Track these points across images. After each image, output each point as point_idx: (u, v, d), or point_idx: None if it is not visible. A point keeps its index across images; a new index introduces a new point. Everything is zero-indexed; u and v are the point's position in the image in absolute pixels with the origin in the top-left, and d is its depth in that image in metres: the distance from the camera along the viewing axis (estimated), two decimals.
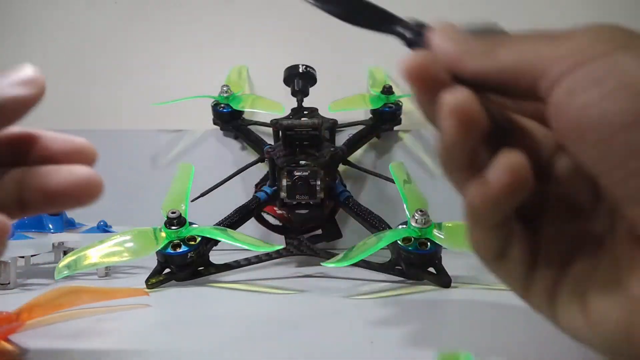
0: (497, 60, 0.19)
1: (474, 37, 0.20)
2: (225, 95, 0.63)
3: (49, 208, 0.21)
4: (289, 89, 0.57)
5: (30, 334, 0.28)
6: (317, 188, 0.48)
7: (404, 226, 0.42)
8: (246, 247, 0.41)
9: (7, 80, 0.21)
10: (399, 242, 0.41)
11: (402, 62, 0.19)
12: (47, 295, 0.29)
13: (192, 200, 0.48)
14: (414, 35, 0.22)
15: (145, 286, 0.41)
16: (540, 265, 0.21)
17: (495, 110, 0.20)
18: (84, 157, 0.22)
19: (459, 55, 0.19)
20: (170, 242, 0.42)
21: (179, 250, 0.41)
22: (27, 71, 0.22)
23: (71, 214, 0.51)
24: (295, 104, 0.56)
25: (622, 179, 0.16)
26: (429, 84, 0.19)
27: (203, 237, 0.42)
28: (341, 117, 0.60)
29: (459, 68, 0.19)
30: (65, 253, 0.46)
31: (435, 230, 0.41)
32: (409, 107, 0.67)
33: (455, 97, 0.18)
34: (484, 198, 0.19)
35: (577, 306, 0.19)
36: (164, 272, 0.42)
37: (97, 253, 0.39)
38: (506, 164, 0.18)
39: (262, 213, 0.55)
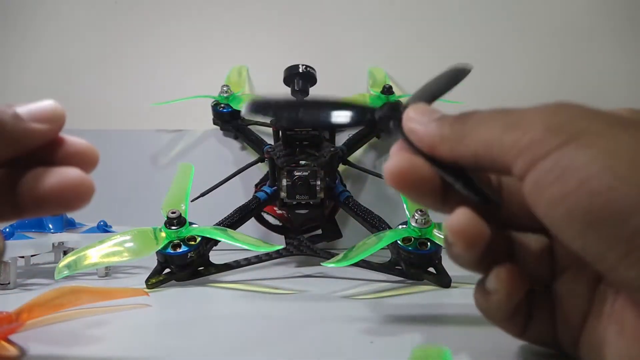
0: (469, 148, 0.20)
1: (445, 118, 0.21)
2: (225, 95, 0.63)
3: (40, 211, 0.21)
4: (289, 89, 0.57)
5: (30, 334, 0.28)
6: (317, 188, 0.48)
7: (404, 226, 0.42)
8: (246, 247, 0.41)
9: (27, 112, 0.21)
10: (399, 242, 0.41)
11: (384, 170, 0.21)
12: (47, 295, 0.29)
13: (192, 200, 0.48)
14: (387, 122, 0.23)
15: (145, 286, 0.41)
16: (562, 320, 0.22)
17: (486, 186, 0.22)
18: (85, 160, 0.21)
19: (433, 143, 0.21)
20: (170, 242, 0.42)
21: (179, 250, 0.41)
22: (47, 106, 0.22)
23: (71, 213, 0.51)
24: None
25: (608, 268, 0.17)
26: (412, 186, 0.21)
27: (203, 237, 0.42)
28: None
29: (436, 153, 0.21)
30: (65, 253, 0.46)
31: (435, 230, 0.41)
32: None
33: (456, 223, 0.20)
34: (490, 305, 0.22)
35: (595, 352, 0.20)
36: (164, 272, 0.42)
37: (97, 253, 0.39)
38: (499, 278, 0.21)
39: (262, 213, 0.55)
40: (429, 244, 0.40)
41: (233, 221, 0.49)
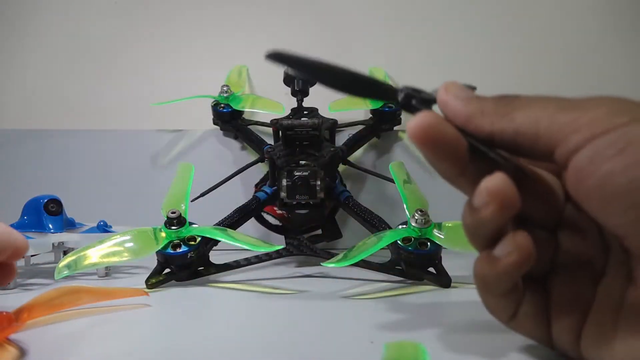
0: (514, 123, 0.20)
1: (486, 97, 0.21)
2: (225, 95, 0.63)
3: None
4: (289, 89, 0.57)
5: (30, 334, 0.28)
6: (317, 188, 0.48)
7: (404, 226, 0.42)
8: (246, 247, 0.41)
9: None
10: (399, 242, 0.41)
11: (408, 126, 0.20)
12: (47, 295, 0.29)
13: (192, 200, 0.48)
14: (410, 99, 0.23)
15: (145, 286, 0.41)
16: (559, 316, 0.22)
17: (510, 161, 0.21)
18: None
19: (472, 115, 0.20)
20: (170, 242, 0.42)
21: (179, 250, 0.41)
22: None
23: (71, 213, 0.51)
24: (295, 104, 0.56)
25: None
26: (437, 144, 0.20)
27: (203, 237, 0.42)
28: (341, 117, 0.60)
29: (473, 128, 0.20)
30: (65, 253, 0.46)
31: (435, 230, 0.41)
32: None
33: (495, 184, 0.20)
34: (496, 271, 0.21)
35: (603, 347, 0.20)
36: (164, 272, 0.42)
37: (97, 253, 0.39)
38: (515, 242, 0.20)
39: (262, 213, 0.55)
40: (429, 244, 0.40)
41: (233, 221, 0.49)
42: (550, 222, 0.22)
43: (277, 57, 0.23)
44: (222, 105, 0.63)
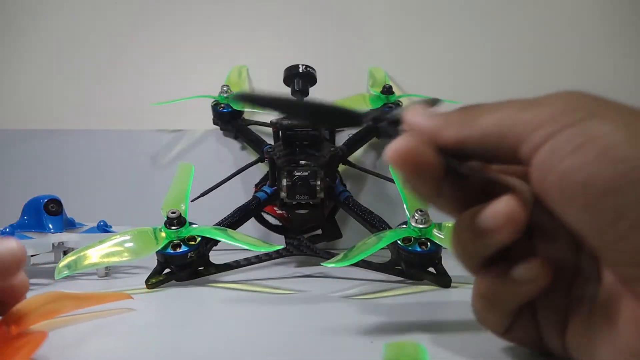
0: (479, 127, 0.20)
1: (449, 111, 0.21)
2: (225, 95, 0.63)
3: None
4: (289, 89, 0.57)
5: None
6: (317, 188, 0.48)
7: (404, 226, 0.42)
8: (246, 247, 0.41)
9: None
10: (399, 242, 0.41)
11: (387, 151, 0.21)
12: (32, 301, 0.27)
13: (192, 200, 0.48)
14: (377, 122, 0.23)
15: (145, 286, 0.41)
16: (545, 321, 0.22)
17: (482, 173, 0.22)
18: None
19: (437, 128, 0.21)
20: (170, 242, 0.42)
21: (179, 250, 0.41)
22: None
23: (71, 213, 0.51)
24: None
25: (612, 242, 0.17)
26: (416, 168, 0.21)
27: (203, 237, 0.42)
28: None
29: (441, 140, 0.21)
30: (65, 253, 0.46)
31: (435, 230, 0.41)
32: None
33: (512, 207, 0.20)
34: (508, 293, 0.21)
35: (583, 348, 0.20)
36: (164, 272, 0.42)
37: (97, 253, 0.39)
38: (540, 272, 0.21)
39: (262, 213, 0.55)
40: (429, 244, 0.40)
41: (233, 221, 0.49)
42: (525, 229, 0.22)
43: (245, 98, 0.24)
44: (222, 105, 0.63)
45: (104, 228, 0.51)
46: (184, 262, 0.42)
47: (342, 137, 0.62)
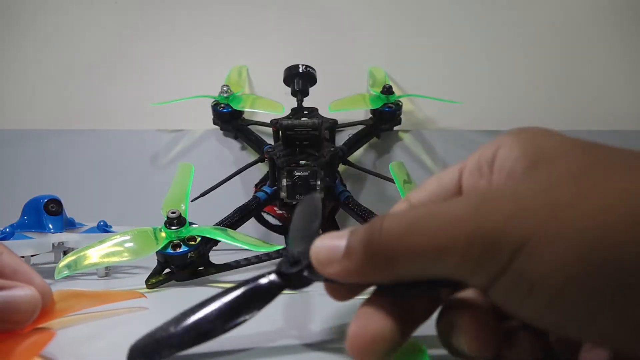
0: (398, 277, 0.19)
1: (351, 249, 0.20)
2: (225, 95, 0.63)
3: None
4: (289, 89, 0.57)
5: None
6: (317, 188, 0.48)
7: None
8: (246, 247, 0.41)
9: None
10: None
11: (346, 343, 0.21)
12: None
13: (192, 200, 0.48)
14: (300, 275, 0.24)
15: (145, 286, 0.41)
16: None
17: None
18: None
19: (347, 276, 0.20)
20: (170, 242, 0.42)
21: (179, 250, 0.41)
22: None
23: (71, 213, 0.51)
24: (295, 104, 0.56)
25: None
26: (381, 350, 0.20)
27: (203, 237, 0.42)
28: (341, 117, 0.60)
29: (363, 282, 0.21)
30: (65, 253, 0.46)
31: None
32: (409, 107, 0.67)
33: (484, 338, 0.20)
34: None
35: None
36: (164, 272, 0.42)
37: (97, 253, 0.39)
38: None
39: (262, 213, 0.55)
40: None
41: (233, 221, 0.49)
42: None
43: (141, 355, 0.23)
44: (222, 105, 0.63)
45: (104, 228, 0.51)
46: (184, 262, 0.42)
47: (342, 137, 0.62)
